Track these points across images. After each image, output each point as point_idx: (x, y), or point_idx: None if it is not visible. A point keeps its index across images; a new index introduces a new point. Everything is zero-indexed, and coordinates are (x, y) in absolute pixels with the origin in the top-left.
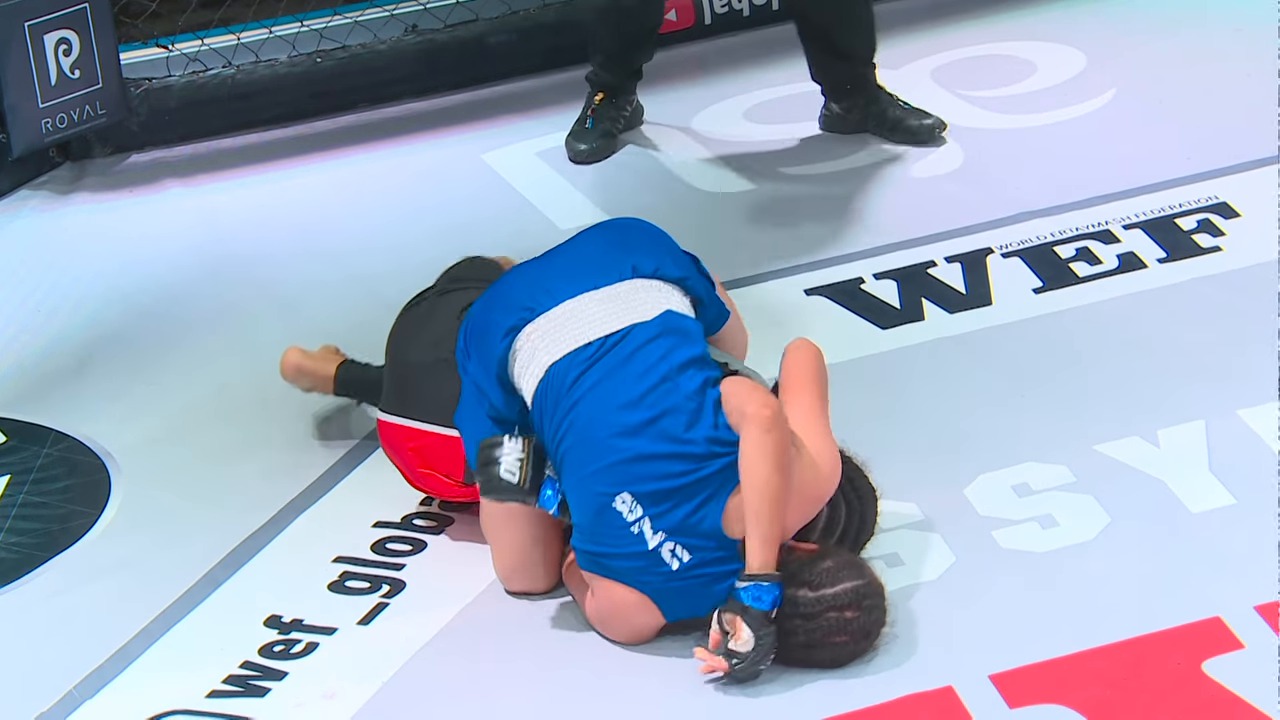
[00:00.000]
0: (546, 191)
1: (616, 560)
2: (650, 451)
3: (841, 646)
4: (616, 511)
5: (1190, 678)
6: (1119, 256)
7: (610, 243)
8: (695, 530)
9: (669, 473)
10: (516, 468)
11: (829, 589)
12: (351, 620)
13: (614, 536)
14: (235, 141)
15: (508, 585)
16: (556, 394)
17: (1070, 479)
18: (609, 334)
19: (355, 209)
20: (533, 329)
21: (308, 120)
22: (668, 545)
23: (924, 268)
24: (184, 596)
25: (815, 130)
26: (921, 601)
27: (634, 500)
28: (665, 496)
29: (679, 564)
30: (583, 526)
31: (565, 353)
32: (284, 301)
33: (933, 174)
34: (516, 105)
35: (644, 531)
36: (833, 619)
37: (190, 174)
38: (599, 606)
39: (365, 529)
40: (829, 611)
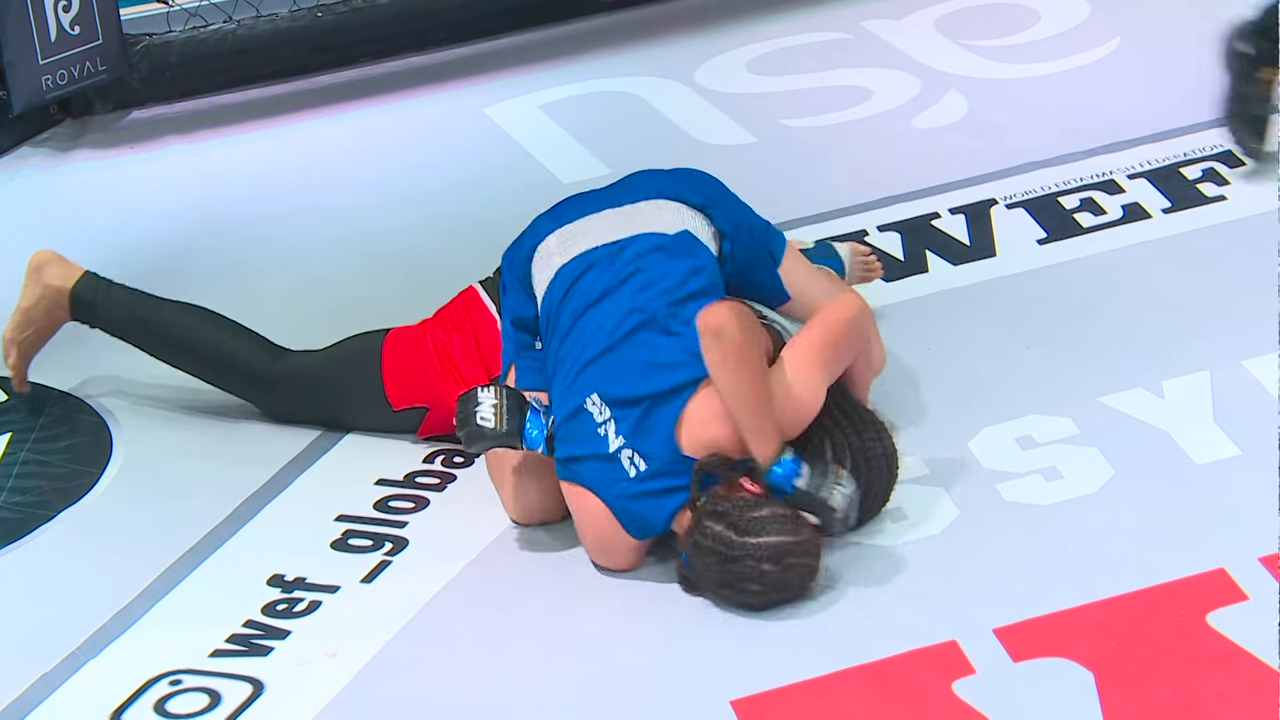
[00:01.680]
0: (549, 145)
1: (585, 464)
2: (625, 358)
3: (754, 594)
4: (588, 413)
5: (1194, 629)
6: (1123, 207)
7: (649, 173)
8: (650, 437)
9: (636, 378)
10: (491, 414)
11: (752, 538)
12: (354, 578)
13: (584, 438)
14: (236, 97)
15: (513, 517)
16: (559, 296)
17: (1074, 431)
18: (615, 240)
19: (357, 164)
20: (553, 238)
21: (309, 75)
22: (626, 452)
23: (928, 220)
24: (186, 555)
25: (818, 82)
26: (925, 555)
27: (602, 402)
28: (629, 402)
29: (636, 472)
30: (561, 431)
31: (572, 256)
32: (285, 257)
33: (936, 125)
34: (519, 58)
35: (608, 435)
36: (749, 568)
37: (191, 130)
38: (576, 517)
39: (367, 487)
40: (746, 559)
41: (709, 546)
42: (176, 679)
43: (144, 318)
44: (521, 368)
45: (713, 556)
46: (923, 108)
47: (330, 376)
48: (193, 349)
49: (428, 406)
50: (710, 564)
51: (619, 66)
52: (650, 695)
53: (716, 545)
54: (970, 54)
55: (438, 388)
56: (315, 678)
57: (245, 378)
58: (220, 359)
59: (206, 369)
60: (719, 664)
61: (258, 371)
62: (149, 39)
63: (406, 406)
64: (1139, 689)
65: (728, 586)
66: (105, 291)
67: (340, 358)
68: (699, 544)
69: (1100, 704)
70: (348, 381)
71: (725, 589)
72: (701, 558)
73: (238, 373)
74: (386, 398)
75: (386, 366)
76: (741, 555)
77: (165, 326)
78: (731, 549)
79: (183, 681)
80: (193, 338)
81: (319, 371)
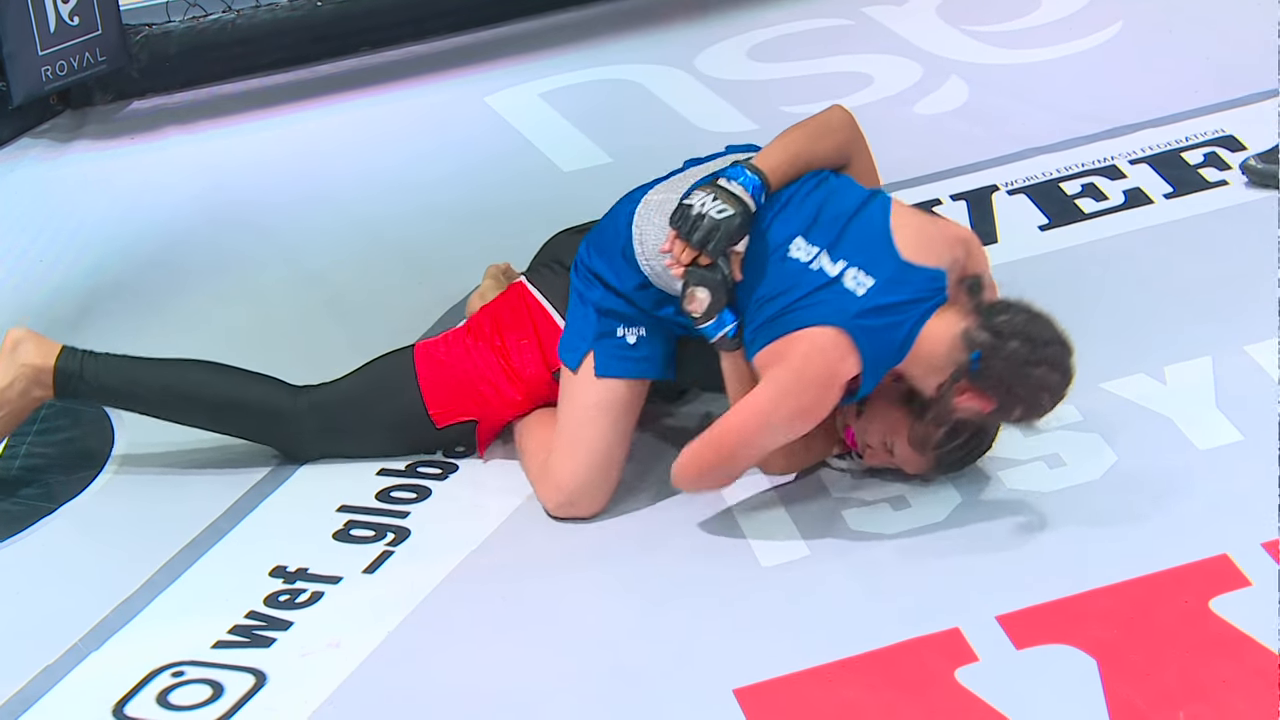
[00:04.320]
0: (550, 134)
1: (804, 305)
2: (814, 197)
3: (1055, 385)
4: (793, 259)
5: (1198, 616)
6: (1125, 192)
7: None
8: (870, 250)
9: (836, 207)
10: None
11: (1050, 334)
12: (357, 569)
13: (795, 282)
14: (236, 87)
15: (569, 502)
16: None
17: (1077, 418)
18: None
19: (357, 154)
20: (652, 194)
21: (309, 65)
22: (850, 271)
23: (928, 206)
24: (188, 547)
25: (819, 69)
26: (927, 542)
27: (806, 242)
28: (835, 224)
29: (864, 290)
30: (758, 297)
31: (691, 186)
32: (286, 248)
33: (937, 111)
34: (519, 47)
35: (823, 265)
36: (1054, 354)
37: (191, 120)
38: (786, 372)
39: (369, 477)
40: (1049, 347)
41: (1021, 331)
42: (179, 670)
43: (140, 378)
44: (604, 354)
45: (1023, 345)
46: (924, 94)
47: (360, 403)
48: (204, 400)
49: (476, 418)
50: (1019, 351)
51: (619, 54)
52: (653, 684)
53: (1022, 328)
54: (971, 39)
55: (489, 396)
56: (318, 668)
57: (267, 419)
58: (237, 404)
59: (223, 418)
60: (721, 653)
61: (280, 410)
62: (148, 29)
63: (452, 422)
64: (1142, 676)
65: (1029, 376)
66: (92, 360)
67: (368, 382)
68: (1001, 333)
69: (1104, 691)
70: (381, 406)
71: (1028, 379)
72: (1006, 346)
73: (258, 415)
74: (429, 416)
75: (424, 382)
76: (1046, 340)
77: (168, 383)
78: (1039, 332)
79: (185, 673)
80: (201, 388)
81: (347, 399)
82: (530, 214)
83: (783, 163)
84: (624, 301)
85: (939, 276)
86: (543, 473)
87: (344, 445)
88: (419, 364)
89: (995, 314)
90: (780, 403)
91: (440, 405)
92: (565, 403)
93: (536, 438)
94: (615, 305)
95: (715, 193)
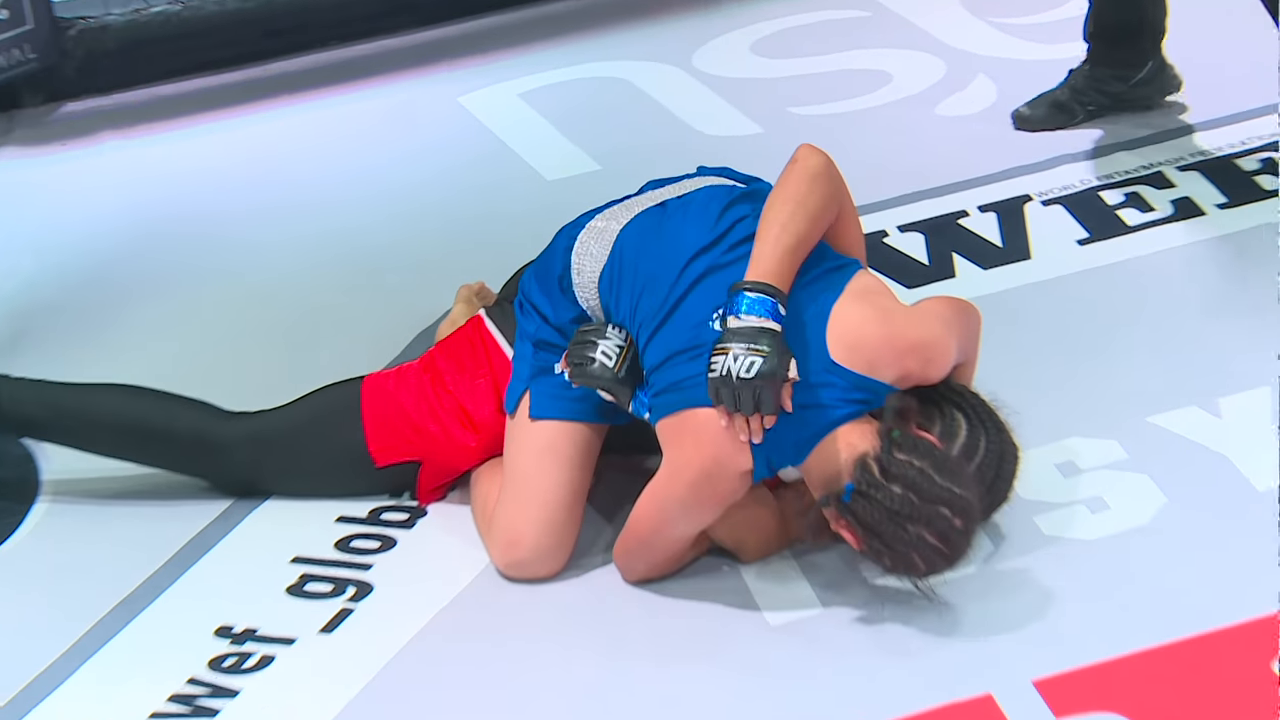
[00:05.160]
0: (531, 138)
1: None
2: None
3: (929, 549)
4: (715, 330)
5: (1259, 680)
6: (1173, 202)
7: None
8: (795, 339)
9: None
10: (615, 354)
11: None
12: (313, 629)
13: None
14: (180, 87)
15: (521, 562)
16: (636, 247)
17: (1121, 455)
18: (677, 197)
19: (314, 161)
20: (595, 221)
21: (262, 62)
22: None
23: (954, 218)
24: (122, 605)
25: (831, 65)
26: (956, 597)
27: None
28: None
29: None
30: (673, 351)
31: (634, 215)
32: (234, 265)
33: (963, 112)
34: (496, 42)
35: None
36: (941, 517)
37: (130, 124)
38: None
39: (327, 524)
40: (941, 505)
41: (907, 478)
42: None
43: (59, 404)
44: (539, 394)
45: (904, 495)
46: (948, 93)
47: (300, 435)
48: (127, 429)
49: (419, 460)
50: (896, 501)
51: (608, 49)
52: None
53: (913, 479)
54: (1001, 33)
55: (437, 437)
56: None
57: (198, 449)
58: (164, 433)
59: (149, 449)
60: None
61: (212, 439)
62: (83, 23)
63: (392, 463)
64: None
65: (902, 531)
66: (6, 384)
67: (310, 412)
68: (889, 472)
69: None
70: (322, 439)
71: (898, 534)
72: (883, 489)
73: (188, 445)
74: (368, 453)
75: (368, 416)
76: (939, 498)
77: (88, 410)
78: (932, 488)
79: None
80: (123, 415)
81: (285, 430)
82: (509, 228)
83: (785, 264)
84: (559, 334)
85: (868, 385)
86: (490, 528)
87: (281, 481)
88: (365, 396)
89: (900, 449)
90: (672, 489)
91: (381, 443)
92: (509, 449)
93: (484, 488)
94: (550, 338)
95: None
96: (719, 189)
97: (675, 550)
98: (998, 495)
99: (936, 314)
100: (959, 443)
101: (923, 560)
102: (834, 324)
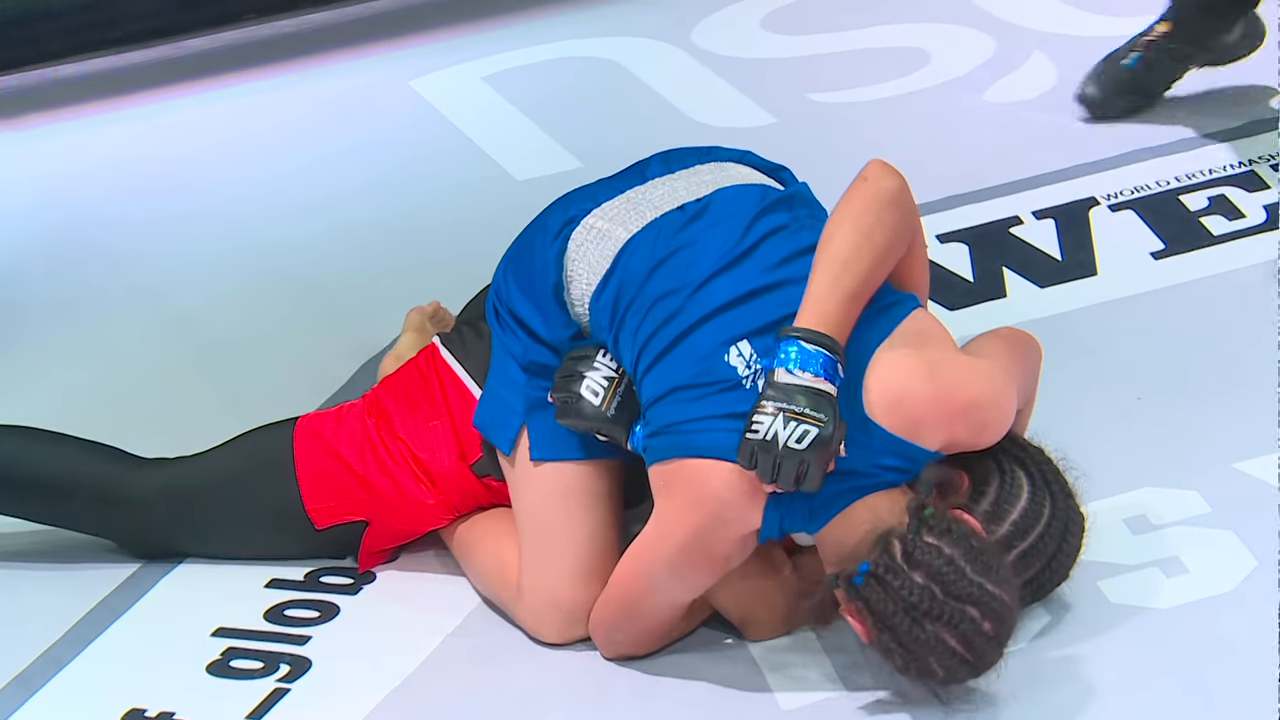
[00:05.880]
0: (498, 130)
1: (714, 424)
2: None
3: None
4: (731, 367)
5: None
6: (1266, 208)
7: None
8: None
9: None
10: (603, 388)
11: (990, 581)
12: (239, 713)
13: (718, 395)
14: (78, 68)
15: (574, 621)
16: (645, 260)
17: (1203, 509)
18: (695, 199)
19: (241, 157)
20: (594, 218)
21: (176, 38)
22: None
23: (1005, 226)
24: (14, 683)
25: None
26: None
27: (753, 351)
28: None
29: None
30: (675, 385)
31: (644, 224)
32: (147, 282)
33: (1016, 98)
34: (455, 15)
35: (759, 386)
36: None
37: (18, 113)
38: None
39: (256, 590)
40: (969, 604)
41: (932, 567)
42: None
43: None
44: (540, 430)
45: (926, 586)
46: (998, 75)
47: (224, 489)
48: (19, 481)
49: (367, 520)
50: (915, 592)
51: (590, 24)
52: None
53: (939, 569)
54: (1061, 3)
55: (387, 494)
56: None
57: (104, 504)
58: (63, 486)
59: (45, 505)
60: None
61: (120, 493)
62: None
63: (335, 523)
64: None
65: (919, 629)
66: None
67: (235, 461)
68: (911, 557)
69: None
70: (249, 495)
71: (914, 632)
72: (902, 577)
73: (91, 499)
74: (305, 513)
75: (302, 467)
76: (967, 596)
77: None
78: (960, 584)
79: None
80: (15, 465)
81: (207, 483)
82: (472, 238)
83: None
84: (555, 355)
85: (907, 451)
86: (520, 597)
87: (201, 541)
88: (299, 444)
89: (930, 531)
90: (660, 549)
91: (320, 500)
92: (520, 500)
93: (490, 552)
94: (545, 359)
95: (780, 406)
96: (750, 191)
97: (663, 621)
98: (1059, 572)
99: (998, 362)
100: (1019, 506)
101: (940, 665)
102: (874, 374)
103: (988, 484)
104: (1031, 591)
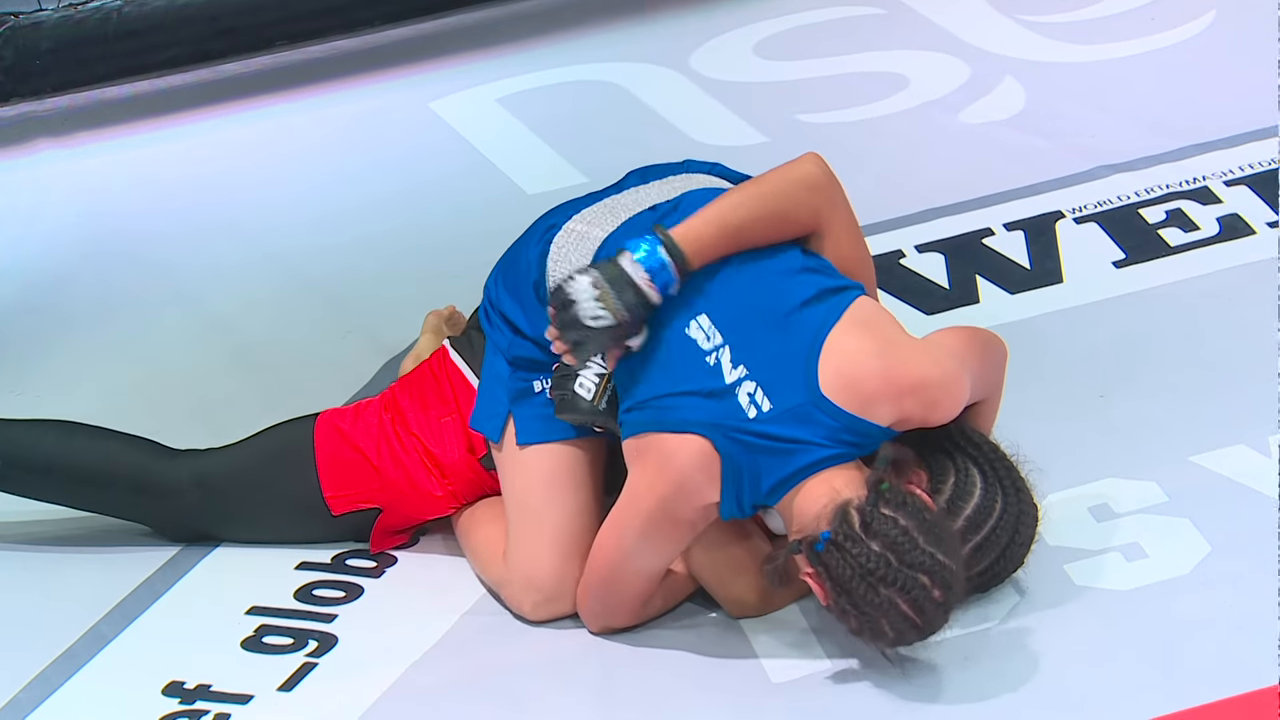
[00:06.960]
0: (510, 148)
1: (682, 401)
2: (746, 272)
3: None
4: (691, 339)
5: None
6: (1219, 220)
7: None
8: (781, 368)
9: (768, 296)
10: (595, 385)
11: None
12: (270, 686)
13: (683, 370)
14: (122, 90)
15: (549, 598)
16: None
17: (1161, 498)
18: (666, 200)
19: (271, 173)
20: (574, 222)
21: (212, 63)
22: (747, 385)
23: (978, 237)
24: (61, 659)
25: (843, 68)
26: (979, 651)
27: (712, 325)
28: (754, 319)
29: (756, 412)
30: (645, 376)
31: (620, 223)
32: (184, 288)
33: (988, 119)
34: (472, 41)
35: (721, 364)
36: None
37: (67, 132)
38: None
39: (286, 572)
40: (920, 572)
41: (888, 536)
42: None
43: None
44: (525, 418)
45: (882, 554)
46: (972, 98)
47: (251, 478)
48: (64, 469)
49: (380, 507)
50: (871, 559)
51: (597, 50)
52: None
53: (895, 539)
54: (1030, 32)
55: (399, 484)
56: None
57: (140, 492)
58: (103, 476)
59: (84, 493)
60: None
61: (156, 482)
62: (14, 20)
63: (350, 509)
64: None
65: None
66: None
67: (261, 452)
68: (869, 527)
69: None
70: (274, 483)
71: (869, 596)
72: (860, 545)
73: (129, 488)
74: (324, 501)
75: (322, 458)
76: (919, 565)
77: (20, 450)
78: (913, 553)
79: None
80: (62, 455)
81: (236, 472)
82: (486, 248)
83: (716, 239)
84: (536, 348)
85: (861, 428)
86: (506, 573)
87: (231, 527)
88: (319, 436)
89: (886, 503)
90: (630, 517)
91: (337, 488)
92: (507, 484)
93: (484, 535)
94: (527, 352)
95: (603, 282)
96: (718, 193)
97: (639, 590)
98: (1013, 561)
99: (948, 348)
100: (972, 502)
101: (891, 628)
102: (829, 354)
103: (944, 480)
104: (987, 580)
